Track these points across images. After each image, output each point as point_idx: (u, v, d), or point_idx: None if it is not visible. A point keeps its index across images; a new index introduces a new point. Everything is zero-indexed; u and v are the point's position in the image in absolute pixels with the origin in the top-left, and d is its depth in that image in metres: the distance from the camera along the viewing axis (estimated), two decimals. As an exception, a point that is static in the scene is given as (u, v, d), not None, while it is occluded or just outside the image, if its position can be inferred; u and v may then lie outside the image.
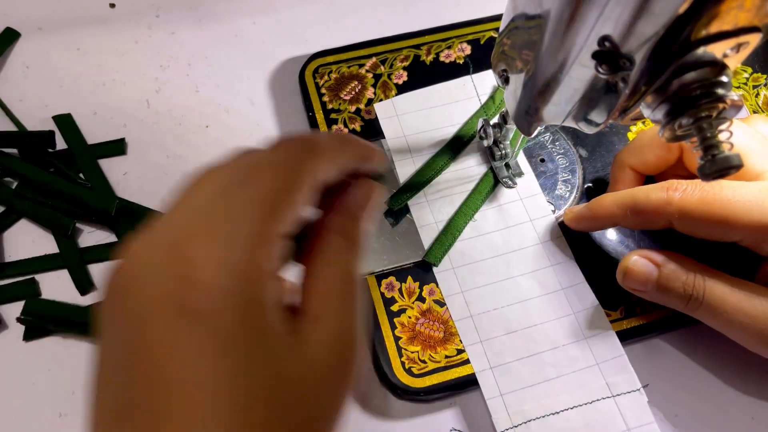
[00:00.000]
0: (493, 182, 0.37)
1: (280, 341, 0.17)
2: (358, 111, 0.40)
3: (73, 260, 0.36)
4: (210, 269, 0.16)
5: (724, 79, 0.22)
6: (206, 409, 0.16)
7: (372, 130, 0.39)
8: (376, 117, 0.39)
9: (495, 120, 0.36)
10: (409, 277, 0.35)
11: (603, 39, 0.22)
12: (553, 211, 0.37)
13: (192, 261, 0.16)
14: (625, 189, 0.34)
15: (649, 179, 0.35)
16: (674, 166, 0.34)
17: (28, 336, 0.34)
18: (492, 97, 0.40)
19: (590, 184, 0.38)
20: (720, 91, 0.22)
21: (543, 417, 0.31)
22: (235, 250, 0.17)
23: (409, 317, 0.34)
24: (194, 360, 0.16)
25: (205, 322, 0.16)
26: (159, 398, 0.16)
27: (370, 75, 0.41)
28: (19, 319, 0.34)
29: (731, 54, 0.22)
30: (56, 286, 0.36)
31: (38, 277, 0.36)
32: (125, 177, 0.39)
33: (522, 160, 0.38)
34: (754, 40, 0.21)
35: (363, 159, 0.22)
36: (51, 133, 0.38)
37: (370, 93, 0.41)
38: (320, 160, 0.20)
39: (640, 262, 0.32)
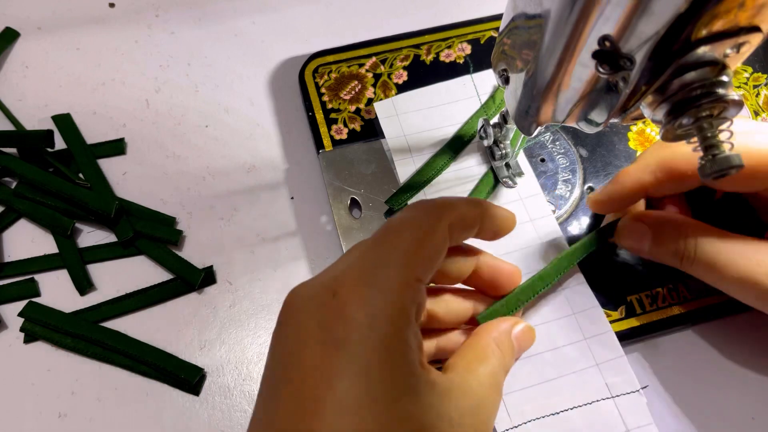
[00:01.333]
0: (494, 182, 0.37)
1: (415, 381, 0.20)
2: (358, 111, 0.40)
3: (73, 260, 0.36)
4: (356, 305, 0.19)
5: (724, 78, 0.22)
6: (333, 422, 0.18)
7: (372, 129, 0.39)
8: (376, 116, 0.39)
9: (495, 120, 0.36)
10: (409, 277, 0.35)
11: (603, 39, 0.21)
12: (554, 211, 0.37)
13: (342, 297, 0.20)
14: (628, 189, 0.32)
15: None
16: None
17: (28, 338, 0.34)
18: (492, 97, 0.40)
19: (591, 185, 0.38)
20: (720, 90, 0.22)
21: (543, 417, 0.31)
22: (379, 290, 0.20)
23: (409, 317, 0.34)
24: (333, 381, 0.18)
25: (347, 349, 0.19)
26: (297, 413, 0.19)
27: (370, 75, 0.41)
28: (21, 329, 0.34)
29: (732, 53, 0.22)
30: (55, 286, 0.36)
31: (38, 277, 0.36)
32: (125, 177, 0.39)
33: (522, 160, 0.38)
34: (754, 39, 0.21)
35: (493, 219, 0.26)
36: (50, 132, 0.38)
37: (370, 93, 0.41)
38: (451, 215, 0.23)
39: (634, 224, 0.31)
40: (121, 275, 0.36)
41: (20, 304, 0.35)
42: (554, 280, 0.32)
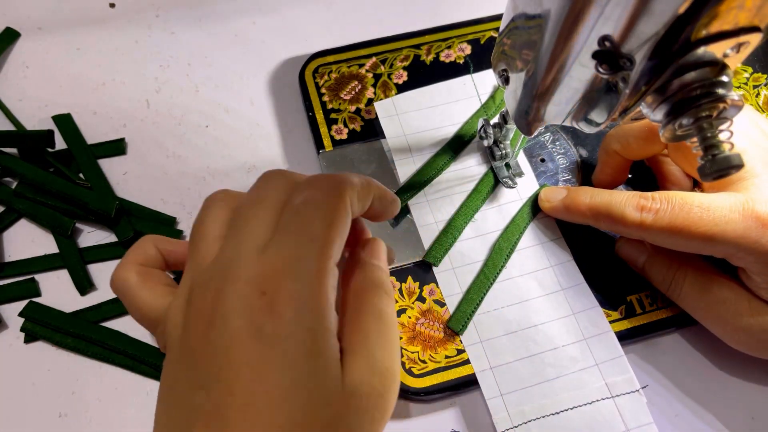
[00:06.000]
0: (493, 182, 0.37)
1: (334, 364, 0.21)
2: (358, 111, 0.40)
3: (73, 260, 0.36)
4: (284, 302, 0.20)
5: (724, 78, 0.22)
6: (265, 413, 0.19)
7: (372, 129, 0.39)
8: (376, 116, 0.39)
9: (495, 120, 0.36)
10: (410, 277, 0.35)
11: (603, 39, 0.22)
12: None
13: (270, 295, 0.20)
14: (610, 173, 0.36)
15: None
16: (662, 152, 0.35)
17: (28, 338, 0.34)
18: (492, 97, 0.40)
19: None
20: (720, 90, 0.22)
21: (543, 417, 0.31)
22: (303, 283, 0.20)
23: (409, 317, 0.34)
24: (264, 374, 0.19)
25: (277, 345, 0.20)
26: (229, 405, 0.19)
27: (370, 75, 0.41)
28: (22, 329, 0.34)
29: (731, 54, 0.22)
30: (56, 286, 0.36)
31: (38, 276, 0.36)
32: (125, 177, 0.39)
33: (522, 160, 0.38)
34: (754, 39, 0.21)
35: (383, 199, 0.26)
36: (50, 132, 0.38)
37: (370, 93, 0.41)
38: (352, 193, 0.23)
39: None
40: (122, 275, 0.36)
41: (21, 304, 0.35)
42: (503, 260, 0.35)
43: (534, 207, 0.36)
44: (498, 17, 0.43)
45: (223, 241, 0.23)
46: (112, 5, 0.45)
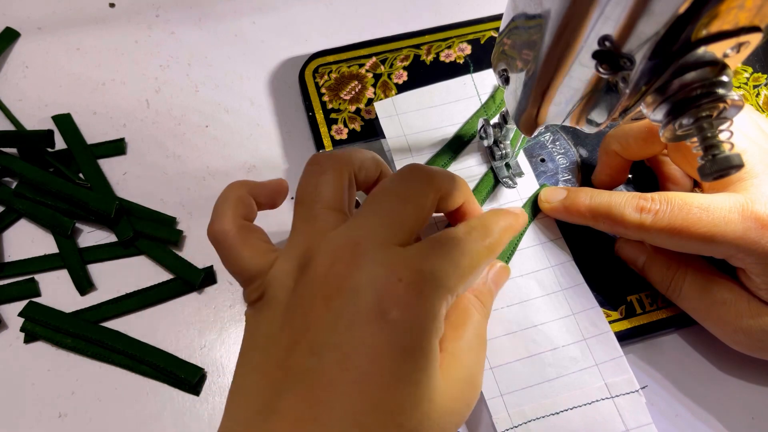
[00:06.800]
0: (494, 182, 0.37)
1: (438, 365, 0.22)
2: (358, 111, 0.40)
3: (73, 260, 0.36)
4: (417, 296, 0.21)
5: (724, 78, 0.22)
6: (376, 396, 0.20)
7: (372, 129, 0.39)
8: (376, 116, 0.39)
9: (495, 120, 0.36)
10: (409, 277, 0.35)
11: (603, 39, 0.22)
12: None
13: (407, 285, 0.21)
14: (610, 173, 0.36)
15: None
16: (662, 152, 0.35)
17: (28, 338, 0.34)
18: (492, 97, 0.40)
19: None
20: (720, 90, 0.22)
21: (543, 417, 0.31)
22: (438, 294, 0.22)
23: (409, 317, 0.34)
24: (381, 359, 0.20)
25: (398, 333, 0.21)
26: (341, 378, 0.20)
27: (370, 75, 0.41)
28: (22, 329, 0.34)
29: (732, 54, 0.22)
30: (56, 286, 0.36)
31: (38, 277, 0.36)
32: (125, 177, 0.39)
33: (522, 160, 0.38)
34: (754, 39, 0.21)
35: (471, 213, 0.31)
36: (50, 132, 0.38)
37: (370, 93, 0.41)
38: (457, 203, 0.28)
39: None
40: (121, 275, 0.36)
41: (20, 304, 0.35)
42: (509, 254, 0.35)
43: (534, 207, 0.36)
44: (498, 17, 0.43)
45: (342, 215, 0.24)
46: (112, 5, 0.45)
